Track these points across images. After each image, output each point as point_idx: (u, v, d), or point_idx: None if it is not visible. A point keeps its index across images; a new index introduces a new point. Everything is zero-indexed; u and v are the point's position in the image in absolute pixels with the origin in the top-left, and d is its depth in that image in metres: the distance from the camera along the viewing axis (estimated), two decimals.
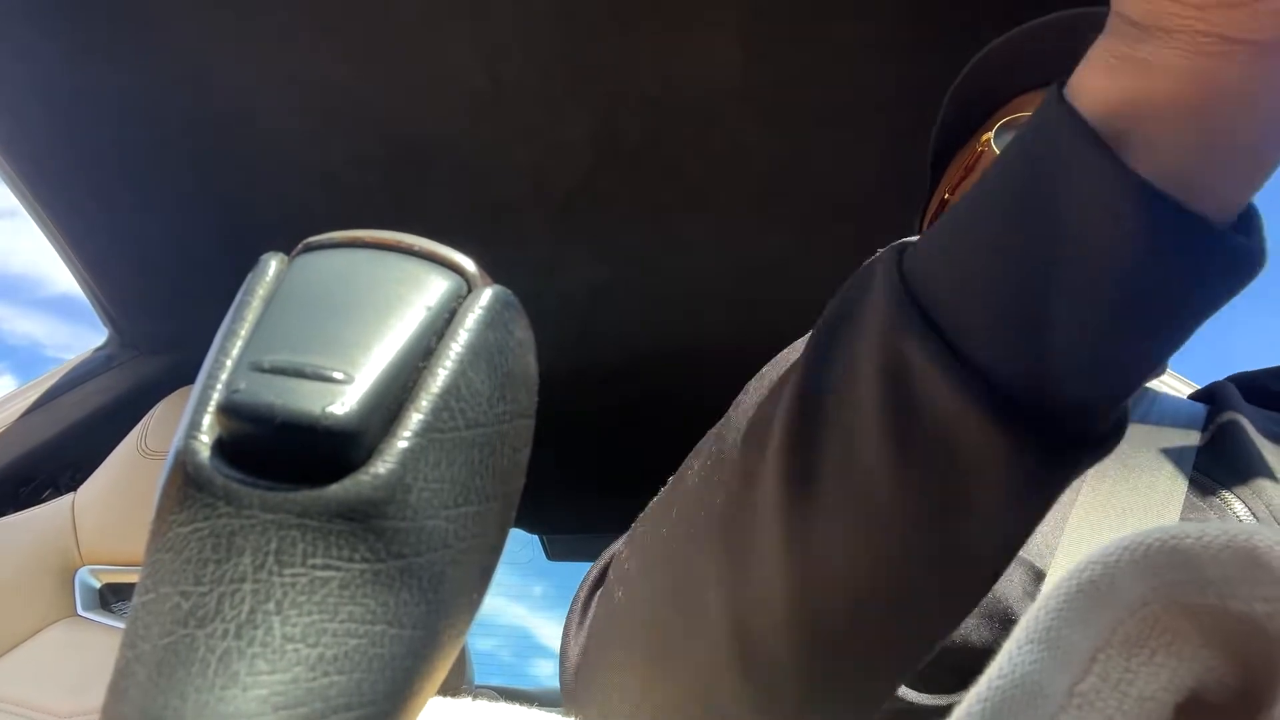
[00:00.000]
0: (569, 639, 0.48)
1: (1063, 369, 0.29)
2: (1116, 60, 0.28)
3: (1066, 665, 0.15)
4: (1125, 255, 0.27)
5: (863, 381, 0.32)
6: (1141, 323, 0.29)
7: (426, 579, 0.18)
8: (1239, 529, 0.14)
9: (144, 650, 0.16)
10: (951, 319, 0.30)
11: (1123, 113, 0.28)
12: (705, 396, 1.57)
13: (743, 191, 1.10)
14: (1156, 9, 0.26)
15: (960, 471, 0.30)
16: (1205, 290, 0.28)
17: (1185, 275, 0.28)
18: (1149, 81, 0.27)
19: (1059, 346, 0.29)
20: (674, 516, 0.41)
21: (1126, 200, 0.27)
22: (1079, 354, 0.29)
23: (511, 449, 0.20)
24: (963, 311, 0.30)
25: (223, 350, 0.18)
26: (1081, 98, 0.29)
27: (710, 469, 0.40)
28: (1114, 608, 0.15)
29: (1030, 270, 0.29)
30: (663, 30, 0.90)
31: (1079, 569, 0.15)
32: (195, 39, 0.95)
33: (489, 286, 0.20)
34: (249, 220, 1.17)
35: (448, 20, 0.90)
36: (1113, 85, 0.28)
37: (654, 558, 0.42)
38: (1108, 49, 0.28)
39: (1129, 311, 0.28)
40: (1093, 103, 0.28)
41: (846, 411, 0.33)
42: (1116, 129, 0.28)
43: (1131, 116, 0.28)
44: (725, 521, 0.38)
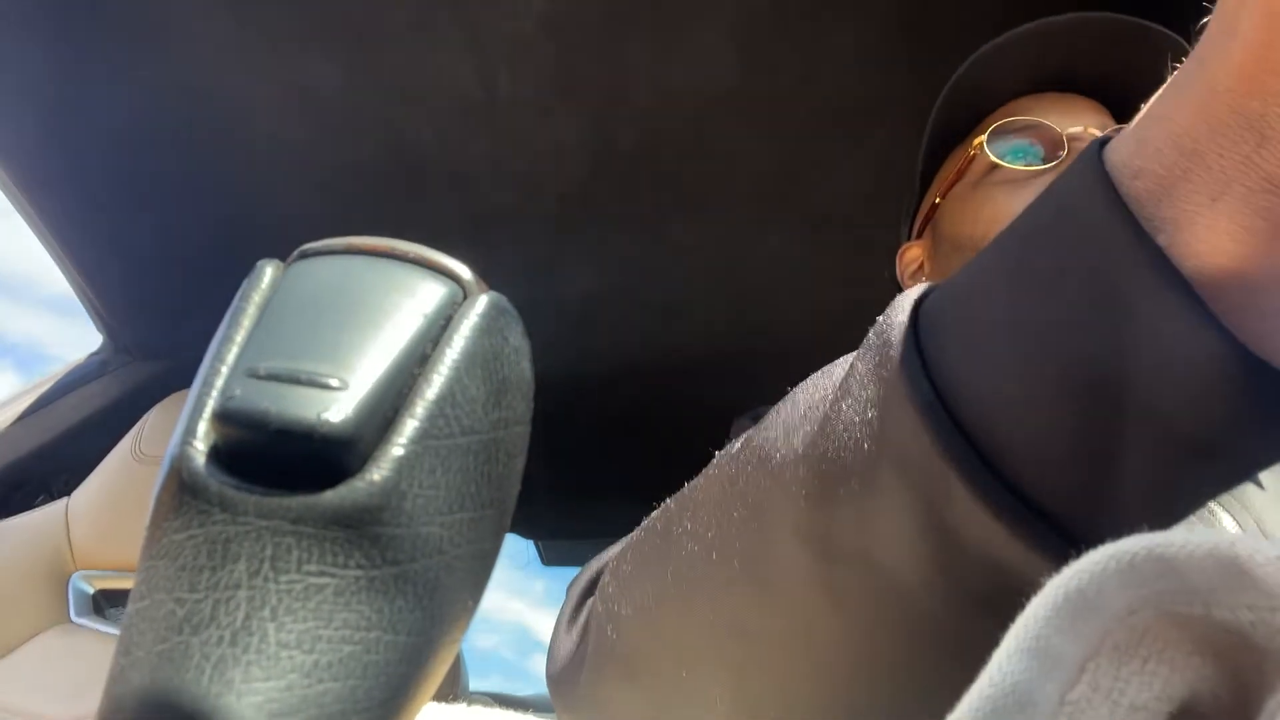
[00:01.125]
0: (558, 637, 0.48)
1: (1120, 508, 0.27)
2: (1250, 226, 0.24)
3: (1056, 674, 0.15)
4: (1219, 428, 0.25)
5: (889, 500, 0.30)
6: (1218, 475, 0.26)
7: (421, 585, 0.18)
8: (1222, 537, 0.14)
9: (139, 657, 0.16)
10: (997, 454, 0.28)
11: (1243, 281, 0.24)
12: (700, 403, 1.57)
13: (738, 198, 1.11)
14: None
15: (1002, 589, 0.28)
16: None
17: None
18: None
19: (1118, 490, 0.26)
20: (669, 578, 0.40)
21: (1232, 378, 0.24)
22: (1140, 497, 0.27)
23: (507, 455, 0.20)
24: (1010, 446, 0.27)
25: (218, 356, 0.18)
26: (1189, 256, 0.24)
27: (710, 541, 0.38)
28: (1102, 616, 0.15)
29: (1096, 416, 0.26)
30: (657, 37, 0.91)
31: (1066, 578, 0.15)
32: (191, 47, 0.95)
33: (484, 293, 0.20)
34: (245, 226, 1.17)
35: (442, 29, 0.91)
36: (1238, 251, 0.24)
37: (651, 617, 0.41)
38: (1257, 213, 0.24)
39: (1209, 466, 0.26)
40: (1203, 264, 0.24)
41: (870, 526, 0.31)
42: (1223, 292, 0.24)
43: (1253, 286, 0.24)
44: (729, 601, 0.37)
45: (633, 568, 0.43)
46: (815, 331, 1.30)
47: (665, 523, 0.42)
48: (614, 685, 0.43)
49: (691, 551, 0.39)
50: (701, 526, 0.39)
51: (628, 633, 0.42)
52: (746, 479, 0.37)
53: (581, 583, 0.49)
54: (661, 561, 0.41)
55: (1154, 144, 0.26)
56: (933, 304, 0.31)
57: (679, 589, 0.39)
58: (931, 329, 0.30)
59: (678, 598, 0.39)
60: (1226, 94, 0.23)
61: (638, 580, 0.42)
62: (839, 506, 0.32)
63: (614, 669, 0.43)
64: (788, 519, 0.34)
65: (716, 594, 0.37)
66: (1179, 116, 0.25)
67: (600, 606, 0.44)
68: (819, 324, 1.29)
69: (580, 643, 0.45)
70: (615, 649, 0.42)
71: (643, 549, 0.43)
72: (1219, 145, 0.24)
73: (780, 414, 0.38)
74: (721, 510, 0.38)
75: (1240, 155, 0.23)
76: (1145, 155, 0.26)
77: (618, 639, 0.42)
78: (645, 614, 0.41)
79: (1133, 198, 0.26)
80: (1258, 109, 0.23)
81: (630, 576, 0.43)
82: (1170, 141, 0.25)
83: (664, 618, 0.40)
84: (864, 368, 0.32)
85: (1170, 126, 0.25)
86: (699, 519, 0.40)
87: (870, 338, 0.33)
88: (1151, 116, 0.26)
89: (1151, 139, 0.26)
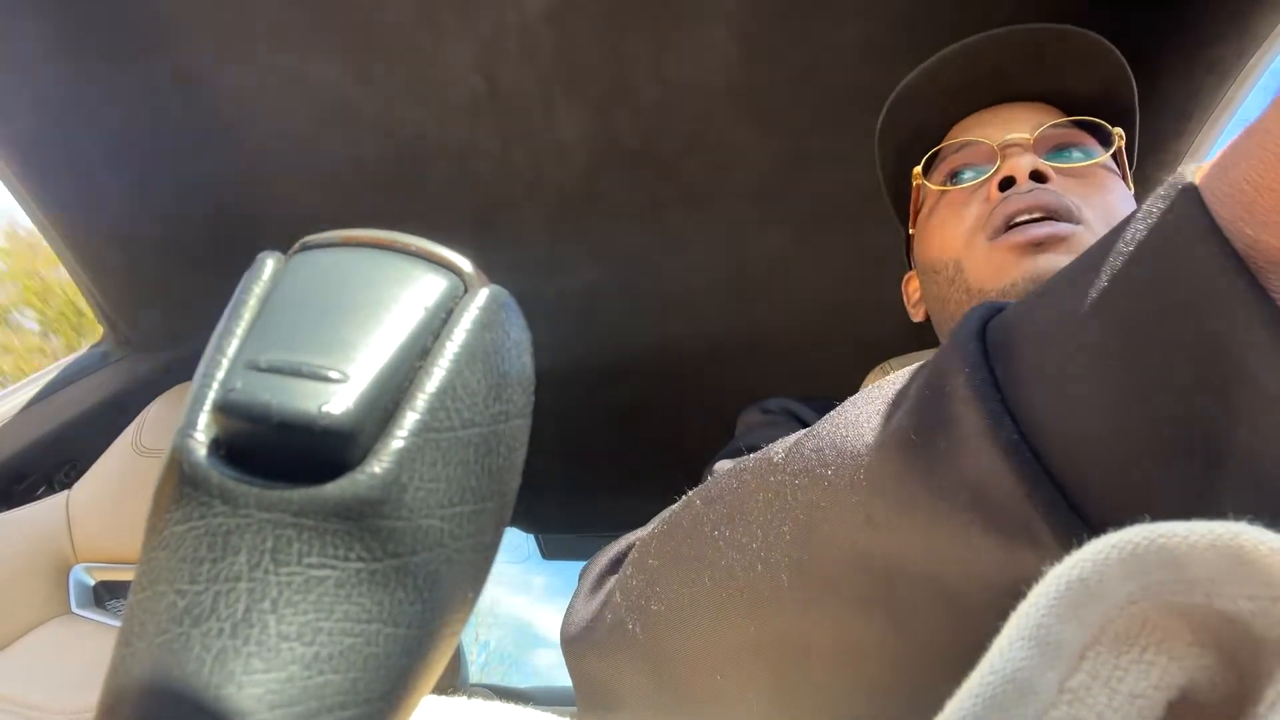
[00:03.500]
0: (577, 602, 0.47)
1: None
2: None
3: (1056, 662, 0.15)
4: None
5: (968, 552, 0.29)
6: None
7: (422, 578, 0.18)
8: (1224, 528, 0.14)
9: (139, 648, 0.16)
10: (1093, 505, 0.27)
11: None
12: (701, 396, 1.57)
13: (740, 191, 1.10)
14: None
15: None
16: None
17: None
18: None
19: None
20: (707, 583, 0.39)
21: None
22: None
23: (507, 449, 0.20)
24: (1107, 498, 0.26)
25: (219, 349, 0.18)
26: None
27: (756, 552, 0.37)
28: (1103, 605, 0.15)
29: (1196, 472, 0.25)
30: (659, 31, 0.90)
31: (1068, 567, 0.15)
32: (192, 38, 0.94)
33: (485, 286, 0.20)
34: (246, 219, 1.17)
35: (444, 21, 0.90)
36: None
37: (684, 619, 0.40)
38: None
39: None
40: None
41: (941, 557, 0.30)
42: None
43: None
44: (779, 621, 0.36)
45: (660, 563, 0.42)
46: (817, 324, 1.30)
47: (694, 522, 0.42)
48: (635, 676, 0.43)
49: (733, 560, 0.38)
50: (745, 536, 0.38)
51: (657, 631, 0.41)
52: (796, 493, 0.36)
53: (603, 561, 0.49)
54: (695, 564, 0.40)
55: (1243, 192, 0.24)
56: (1006, 334, 0.30)
57: (717, 595, 0.39)
58: (1005, 360, 0.29)
59: (716, 604, 0.39)
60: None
61: (666, 579, 0.42)
62: (904, 533, 0.31)
63: (638, 663, 0.43)
64: (847, 539, 0.33)
65: (760, 605, 0.37)
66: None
67: (621, 598, 0.44)
68: (821, 317, 1.29)
69: (597, 616, 0.45)
70: (639, 644, 0.42)
71: (673, 546, 0.42)
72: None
73: (833, 430, 0.37)
74: (768, 522, 0.37)
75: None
76: (1254, 220, 0.24)
77: (643, 634, 0.42)
78: (677, 614, 0.41)
79: (1244, 255, 0.24)
80: None
81: (658, 572, 0.42)
82: (1268, 193, 0.24)
83: (699, 622, 0.39)
84: (931, 392, 0.31)
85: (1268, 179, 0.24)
86: (740, 528, 0.39)
87: (933, 361, 0.32)
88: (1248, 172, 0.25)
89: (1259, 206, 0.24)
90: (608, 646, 0.44)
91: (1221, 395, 0.24)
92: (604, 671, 0.44)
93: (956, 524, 0.29)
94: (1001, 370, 0.29)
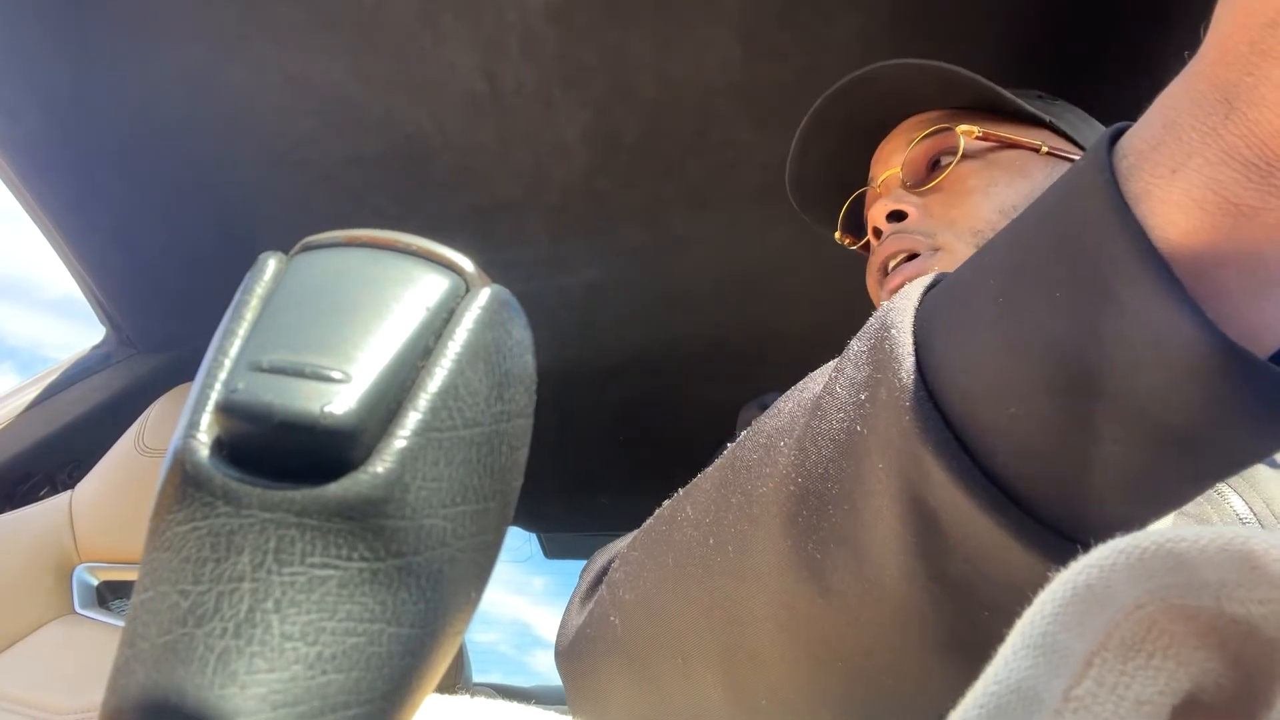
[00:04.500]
0: (570, 614, 0.48)
1: (1103, 500, 0.26)
2: (1221, 204, 0.23)
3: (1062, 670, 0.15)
4: (1207, 418, 0.24)
5: (874, 483, 0.30)
6: (1202, 467, 0.25)
7: (425, 577, 0.18)
8: (1234, 532, 0.14)
9: (143, 648, 0.16)
10: (980, 437, 0.27)
11: (1196, 258, 0.23)
12: (703, 394, 1.57)
13: (741, 190, 1.10)
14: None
15: (985, 579, 0.28)
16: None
17: (1272, 430, 0.24)
18: (1264, 234, 0.22)
19: (1100, 481, 0.26)
20: (670, 564, 0.40)
21: (1217, 369, 0.22)
22: (1123, 489, 0.26)
23: (509, 448, 0.20)
24: (992, 431, 0.27)
25: (221, 349, 0.18)
26: (1163, 229, 0.23)
27: (709, 527, 0.38)
28: (1109, 611, 0.15)
29: (1074, 402, 0.25)
30: (660, 29, 0.90)
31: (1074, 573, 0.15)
32: (194, 38, 0.94)
33: (487, 286, 0.20)
34: (247, 219, 1.17)
35: (445, 20, 0.90)
36: (1188, 225, 0.23)
37: (651, 603, 0.41)
38: (1207, 186, 0.23)
39: (1192, 458, 0.25)
40: (1174, 243, 0.23)
41: (854, 509, 0.31)
42: (1192, 272, 0.23)
43: (1206, 263, 0.23)
44: (722, 586, 0.37)
45: (639, 553, 0.43)
46: (817, 324, 1.30)
47: (672, 510, 0.43)
48: (614, 672, 0.43)
49: (690, 537, 0.39)
50: (700, 512, 0.39)
51: (629, 619, 0.42)
52: (745, 466, 0.37)
53: (596, 566, 0.50)
54: (664, 547, 0.41)
55: (1147, 120, 0.25)
56: (934, 294, 0.31)
57: (678, 575, 0.39)
58: (928, 319, 0.30)
59: (676, 583, 0.39)
60: (1210, 65, 0.23)
61: (641, 566, 0.42)
62: (828, 493, 0.32)
63: (615, 656, 0.43)
64: (778, 505, 0.34)
65: (712, 580, 0.37)
66: (1173, 90, 0.24)
67: (607, 593, 0.44)
68: (822, 315, 1.29)
69: (586, 622, 0.45)
70: (618, 635, 0.43)
71: (650, 535, 0.43)
72: (1192, 116, 0.23)
73: (785, 400, 0.38)
74: (721, 497, 0.38)
75: (1207, 127, 0.23)
76: (1137, 132, 0.25)
77: (620, 624, 0.42)
78: (646, 600, 0.41)
79: (1118, 174, 0.25)
80: (1231, 78, 0.22)
81: (636, 562, 0.43)
82: (1158, 115, 0.24)
83: (663, 604, 0.40)
84: (860, 346, 0.33)
85: (1163, 102, 0.24)
86: (699, 505, 0.40)
87: (871, 319, 0.34)
88: (1160, 97, 0.25)
89: (1147, 116, 0.25)
90: (593, 649, 0.44)
91: (1093, 326, 0.24)
92: (592, 676, 0.45)
93: (867, 474, 0.30)
94: (923, 327, 0.30)
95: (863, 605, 0.32)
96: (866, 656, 0.33)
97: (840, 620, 0.32)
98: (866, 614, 0.32)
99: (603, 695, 0.44)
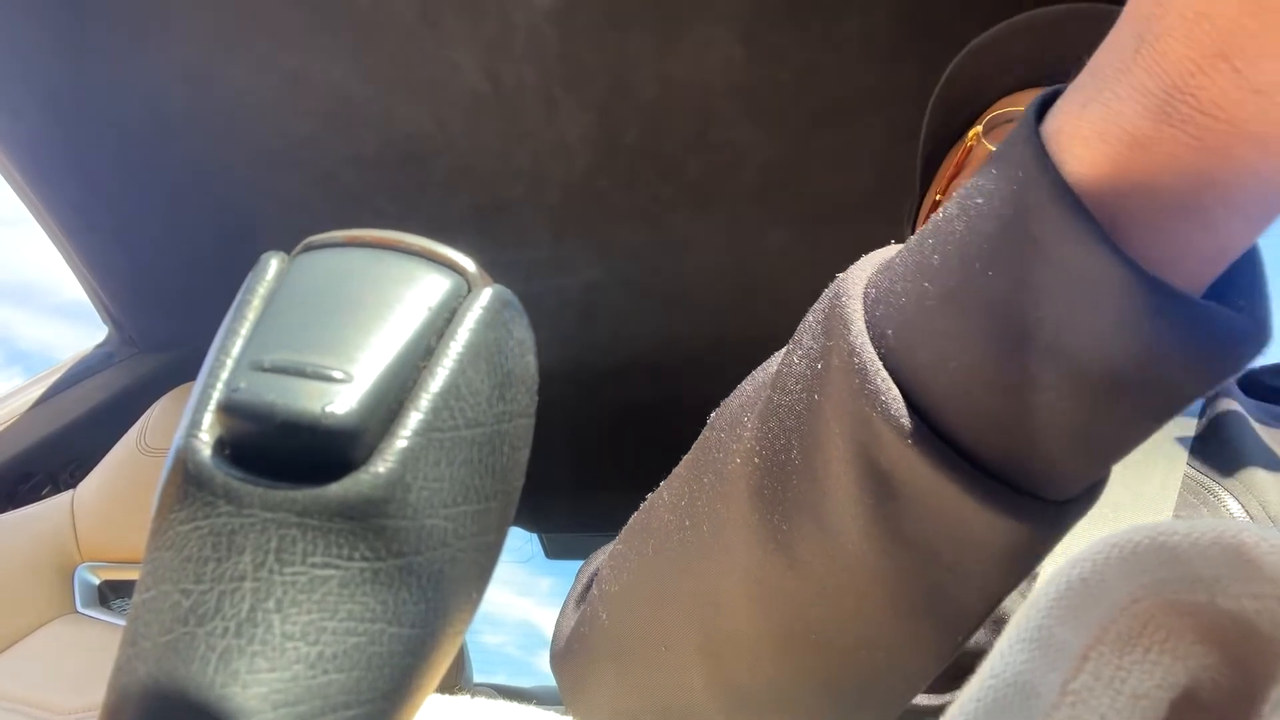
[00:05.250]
0: (564, 617, 0.48)
1: (1048, 450, 0.26)
2: (1121, 135, 0.23)
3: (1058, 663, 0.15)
4: (1128, 354, 0.24)
5: (830, 449, 0.30)
6: (1137, 409, 0.26)
7: (426, 577, 0.18)
8: (1227, 526, 0.14)
9: (144, 648, 0.17)
10: (926, 395, 0.28)
11: (1104, 193, 0.23)
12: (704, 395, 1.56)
13: (741, 190, 1.10)
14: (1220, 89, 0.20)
15: (943, 538, 0.28)
16: (1214, 371, 0.25)
17: (1198, 365, 0.24)
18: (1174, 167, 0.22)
19: (1043, 430, 0.26)
20: (649, 552, 0.40)
21: (1132, 301, 0.22)
22: (1066, 437, 0.26)
23: (511, 448, 0.20)
24: (938, 388, 0.27)
25: (223, 349, 0.19)
26: (1071, 164, 0.24)
27: (684, 509, 0.38)
28: (1105, 605, 0.15)
29: (1008, 351, 0.25)
30: (661, 29, 0.90)
31: (1069, 567, 0.15)
32: (196, 38, 0.95)
33: (489, 286, 0.20)
34: (249, 219, 1.17)
35: (446, 19, 0.90)
36: (1093, 159, 0.23)
37: (634, 593, 0.41)
38: (1110, 119, 0.23)
39: (1126, 399, 0.25)
40: (1083, 177, 0.24)
41: (813, 476, 0.31)
42: (1102, 206, 0.23)
43: (1114, 198, 0.23)
44: (697, 568, 0.37)
45: (623, 545, 0.43)
46: None
47: (651, 499, 0.43)
48: (602, 669, 0.43)
49: (667, 522, 0.39)
50: (675, 496, 0.39)
51: (614, 612, 0.42)
52: (714, 445, 0.37)
53: (590, 567, 0.50)
54: (644, 535, 0.41)
55: (1082, 73, 0.25)
56: (888, 261, 0.32)
57: (656, 562, 0.39)
58: (878, 284, 0.31)
59: (656, 571, 0.39)
60: (1130, 4, 0.23)
61: (624, 558, 0.42)
62: (791, 463, 0.32)
63: (603, 652, 0.43)
64: (744, 479, 0.34)
65: (689, 564, 0.37)
66: (1106, 40, 0.24)
67: (596, 590, 0.44)
68: None
69: (579, 624, 0.46)
70: (605, 631, 0.43)
71: (632, 527, 0.43)
72: (1108, 53, 0.23)
73: (749, 379, 0.38)
74: (694, 476, 0.38)
75: (1120, 60, 0.23)
76: (1072, 87, 0.25)
77: (607, 619, 0.42)
78: (629, 591, 0.41)
79: (1044, 119, 0.25)
80: (1143, 11, 0.22)
81: (619, 555, 0.43)
82: (1089, 66, 0.25)
83: (644, 594, 0.40)
84: (813, 318, 0.33)
85: (1097, 52, 0.25)
86: (674, 489, 0.40)
87: (826, 290, 0.34)
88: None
89: (1084, 72, 0.25)
90: (584, 647, 0.44)
91: (1020, 272, 0.24)
92: (581, 675, 0.45)
93: (824, 443, 0.30)
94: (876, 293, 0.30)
95: (829, 573, 0.32)
96: (838, 627, 0.33)
97: (809, 590, 0.32)
98: (833, 581, 0.32)
99: (593, 693, 0.44)
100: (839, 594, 0.32)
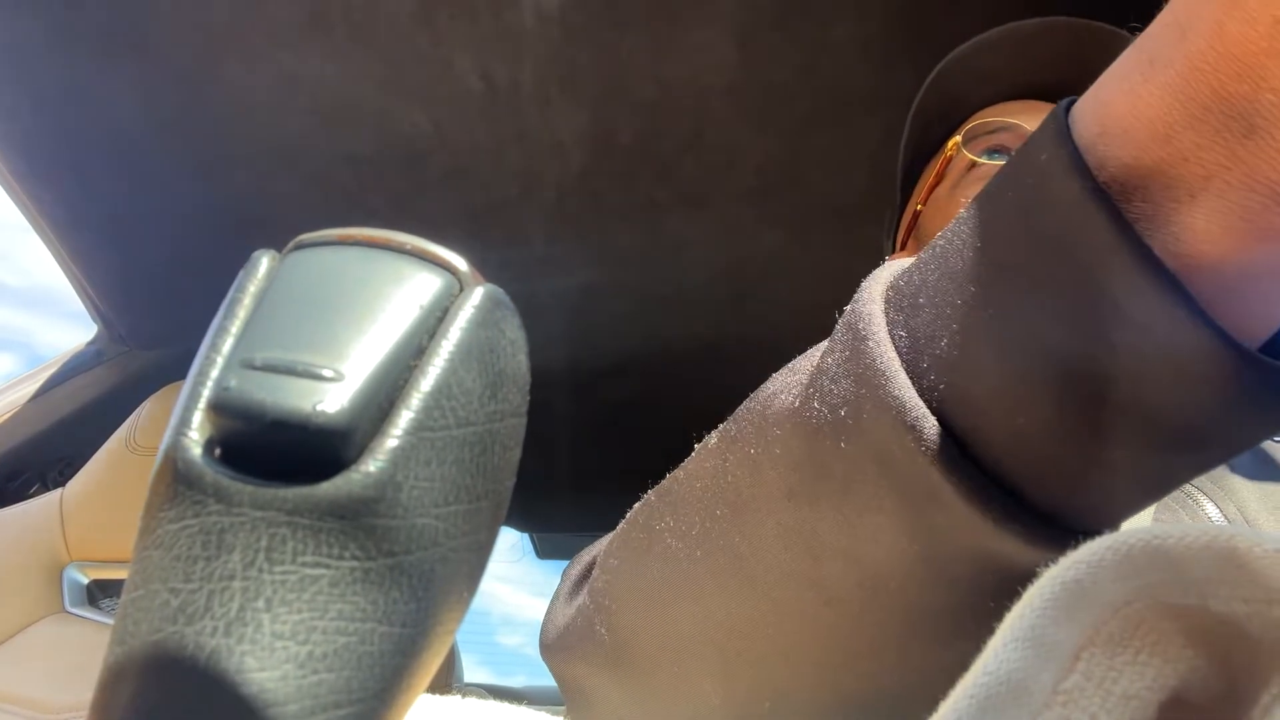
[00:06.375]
0: (556, 606, 0.48)
1: (1112, 499, 0.27)
2: (1251, 230, 0.21)
3: (1050, 663, 0.15)
4: (1208, 415, 0.24)
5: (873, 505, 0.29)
6: (1209, 459, 0.26)
7: (416, 577, 0.18)
8: (1220, 530, 0.14)
9: (133, 647, 0.16)
10: (988, 449, 0.27)
11: (1220, 280, 0.23)
12: (697, 395, 1.57)
13: (736, 191, 1.10)
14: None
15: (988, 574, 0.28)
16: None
17: (1266, 420, 0.24)
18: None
19: (1109, 485, 0.26)
20: (655, 577, 0.40)
21: (1221, 370, 0.22)
22: (1131, 487, 0.26)
23: (502, 448, 0.20)
24: (998, 441, 0.27)
25: (213, 347, 0.18)
26: (1167, 256, 0.23)
27: (695, 539, 0.38)
28: (1097, 606, 0.15)
29: (1078, 405, 0.25)
30: (656, 30, 0.90)
31: (1062, 568, 0.15)
32: (189, 36, 0.94)
33: (481, 285, 0.20)
34: (240, 217, 1.17)
35: (440, 20, 0.90)
36: (1215, 253, 0.22)
37: (638, 620, 0.41)
38: (1235, 214, 0.22)
39: (1197, 453, 0.25)
40: (1179, 264, 0.23)
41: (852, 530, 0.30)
42: (1202, 289, 0.23)
43: (1231, 285, 0.23)
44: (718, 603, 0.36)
45: (619, 562, 0.43)
46: (813, 324, 1.30)
47: (647, 517, 0.42)
48: (606, 686, 0.43)
49: (675, 549, 0.39)
50: (685, 524, 0.39)
51: (616, 634, 0.42)
52: (727, 476, 0.37)
53: (580, 565, 0.49)
54: (647, 557, 0.41)
55: (1122, 124, 0.23)
56: (900, 293, 0.30)
57: (666, 586, 0.39)
58: (903, 321, 0.29)
59: (665, 594, 0.39)
60: (1211, 74, 0.21)
61: (624, 576, 0.42)
62: (821, 506, 0.31)
63: (605, 670, 0.43)
64: (771, 518, 0.33)
65: (704, 591, 0.37)
66: (1150, 95, 0.22)
67: (589, 601, 0.44)
68: (817, 316, 1.29)
69: (572, 621, 0.45)
70: (606, 649, 0.42)
71: (628, 543, 0.43)
72: (1199, 134, 0.21)
73: (752, 410, 0.37)
74: (705, 507, 0.38)
75: (1224, 148, 0.21)
76: (1114, 138, 0.23)
77: (607, 634, 0.42)
78: (633, 610, 0.41)
79: (1107, 184, 0.24)
80: (1246, 94, 0.20)
81: (617, 571, 0.43)
82: (1142, 124, 0.23)
83: (652, 613, 0.40)
84: (834, 362, 0.31)
85: (1140, 106, 0.23)
86: (681, 516, 0.39)
87: (839, 329, 0.32)
88: (1117, 89, 0.24)
89: (1119, 118, 0.23)
90: (580, 652, 0.44)
91: (1099, 334, 0.24)
92: (580, 677, 0.45)
93: (864, 490, 0.29)
94: (897, 330, 0.29)
95: (865, 609, 0.32)
96: (869, 654, 0.33)
97: (843, 624, 0.32)
98: (869, 616, 0.32)
99: (596, 707, 0.44)
100: (874, 627, 0.32)
